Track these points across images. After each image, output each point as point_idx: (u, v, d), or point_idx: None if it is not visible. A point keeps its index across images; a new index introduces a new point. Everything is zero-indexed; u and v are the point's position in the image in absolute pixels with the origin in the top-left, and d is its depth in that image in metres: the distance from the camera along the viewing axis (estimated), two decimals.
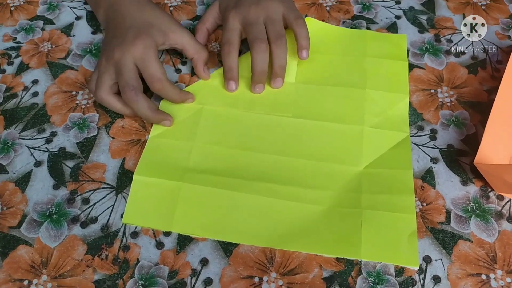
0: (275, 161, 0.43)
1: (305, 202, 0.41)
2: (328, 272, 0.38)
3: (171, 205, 0.41)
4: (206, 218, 0.40)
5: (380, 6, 0.56)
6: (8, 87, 0.49)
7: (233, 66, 0.47)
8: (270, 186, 0.42)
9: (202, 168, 0.43)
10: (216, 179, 0.42)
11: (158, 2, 0.57)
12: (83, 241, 0.39)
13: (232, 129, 0.45)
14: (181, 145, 0.44)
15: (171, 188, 0.41)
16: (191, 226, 0.40)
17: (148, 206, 0.41)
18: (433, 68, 0.51)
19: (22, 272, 0.38)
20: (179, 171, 0.42)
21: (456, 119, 0.47)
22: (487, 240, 0.40)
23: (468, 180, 0.43)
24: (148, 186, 0.41)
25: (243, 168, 0.43)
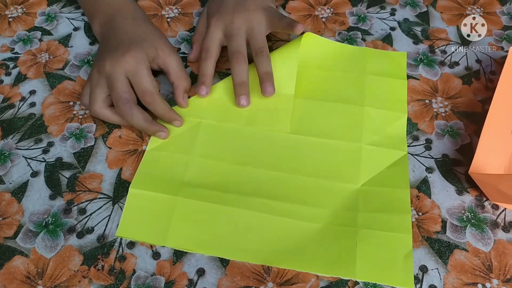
0: (272, 177, 0.43)
1: (301, 219, 0.41)
2: (325, 282, 0.38)
3: (166, 219, 0.40)
4: (201, 233, 0.40)
5: (375, 18, 0.57)
6: (5, 97, 0.49)
7: (207, 73, 0.48)
8: (266, 202, 0.42)
9: (198, 182, 0.43)
10: (212, 193, 0.42)
11: (156, 13, 0.57)
12: (79, 252, 0.39)
13: (230, 143, 0.45)
14: (178, 159, 0.44)
15: (166, 202, 0.41)
16: (185, 241, 0.40)
17: (143, 219, 0.41)
18: (428, 79, 0.51)
19: (18, 283, 0.38)
20: (175, 185, 0.42)
21: (450, 129, 0.47)
22: (483, 249, 0.40)
23: (463, 189, 0.43)
24: (143, 199, 0.41)
25: (240, 183, 0.43)
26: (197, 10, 0.58)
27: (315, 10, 0.58)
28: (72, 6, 0.58)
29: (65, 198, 0.42)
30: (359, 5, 0.59)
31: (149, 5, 0.58)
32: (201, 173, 0.43)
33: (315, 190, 0.42)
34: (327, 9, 0.58)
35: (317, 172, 0.43)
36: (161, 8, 0.58)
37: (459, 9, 0.58)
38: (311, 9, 0.58)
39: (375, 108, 0.47)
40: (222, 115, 0.47)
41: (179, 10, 0.58)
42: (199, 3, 0.59)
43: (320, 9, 0.58)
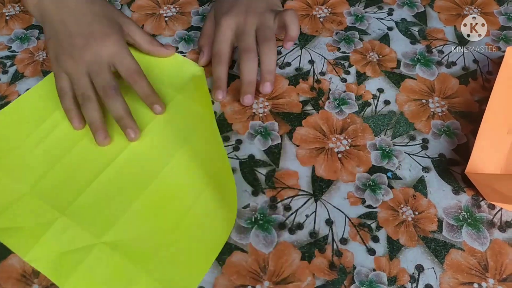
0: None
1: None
2: (321, 280, 0.38)
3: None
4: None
5: (373, 18, 0.57)
6: (2, 95, 0.49)
7: (221, 76, 0.48)
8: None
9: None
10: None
11: (154, 12, 0.57)
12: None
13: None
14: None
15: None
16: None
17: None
18: (425, 79, 0.51)
19: (13, 281, 0.38)
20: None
21: (447, 129, 0.47)
22: (479, 249, 0.40)
23: (459, 189, 0.43)
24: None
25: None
26: (195, 9, 0.58)
27: (312, 10, 0.58)
28: None
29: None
30: (356, 5, 0.59)
31: (146, 4, 0.58)
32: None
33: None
34: (324, 8, 0.58)
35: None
36: (159, 7, 0.58)
37: (456, 9, 0.58)
38: (308, 9, 0.58)
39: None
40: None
41: (177, 9, 0.58)
42: (197, 2, 0.59)
43: (317, 9, 0.58)
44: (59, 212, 0.40)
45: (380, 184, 0.43)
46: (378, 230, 0.41)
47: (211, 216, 0.40)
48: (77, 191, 0.42)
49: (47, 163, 0.43)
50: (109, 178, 0.43)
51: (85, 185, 0.42)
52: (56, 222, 0.40)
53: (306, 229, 0.41)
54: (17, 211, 0.40)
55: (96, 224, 0.40)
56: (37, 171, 0.43)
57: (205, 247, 0.39)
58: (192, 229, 0.40)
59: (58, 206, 0.41)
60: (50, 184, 0.42)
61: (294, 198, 0.42)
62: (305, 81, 0.51)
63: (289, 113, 0.48)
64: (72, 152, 0.44)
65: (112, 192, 0.42)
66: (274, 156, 0.45)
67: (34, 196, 0.41)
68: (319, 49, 0.54)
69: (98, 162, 0.44)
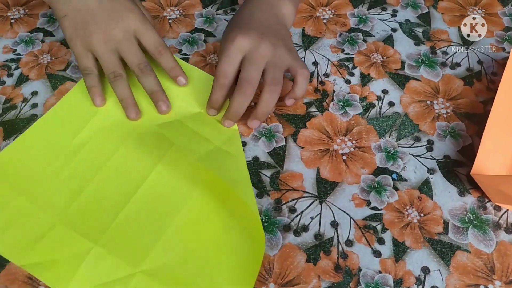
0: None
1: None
2: (327, 283, 0.38)
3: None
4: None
5: (377, 19, 0.57)
6: (7, 98, 0.49)
7: (219, 101, 0.45)
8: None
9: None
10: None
11: (157, 15, 0.57)
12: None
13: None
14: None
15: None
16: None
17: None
18: (429, 80, 0.51)
19: (19, 283, 0.38)
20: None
21: (452, 130, 0.47)
22: (485, 250, 0.40)
23: (465, 190, 0.43)
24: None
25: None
26: (198, 11, 0.58)
27: (316, 12, 0.58)
28: None
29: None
30: (360, 6, 0.59)
31: (150, 6, 0.58)
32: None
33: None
34: (328, 10, 0.58)
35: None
36: (162, 10, 0.58)
37: (460, 10, 0.58)
38: (312, 10, 0.58)
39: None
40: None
41: (181, 11, 0.58)
42: (200, 5, 0.59)
43: (321, 11, 0.58)
44: (91, 242, 0.39)
45: (385, 186, 0.43)
46: (384, 232, 0.40)
47: (242, 241, 0.39)
48: (107, 219, 0.40)
49: (73, 190, 0.42)
50: (139, 204, 0.41)
51: (115, 212, 0.41)
52: (91, 253, 0.38)
53: (311, 231, 0.41)
54: (48, 243, 0.39)
55: (132, 252, 0.39)
56: (63, 198, 0.41)
57: (242, 266, 0.38)
58: (226, 254, 0.39)
59: (90, 235, 0.39)
60: (79, 213, 0.41)
61: (299, 200, 0.42)
62: (309, 83, 0.51)
63: (293, 115, 0.48)
64: (98, 177, 0.43)
65: (144, 218, 0.41)
66: (279, 158, 0.45)
67: (63, 225, 0.40)
68: (323, 51, 0.54)
69: (126, 187, 0.42)
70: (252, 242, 0.38)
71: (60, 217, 0.40)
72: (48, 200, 0.41)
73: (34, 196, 0.41)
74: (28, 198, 0.41)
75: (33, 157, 0.43)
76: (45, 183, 0.42)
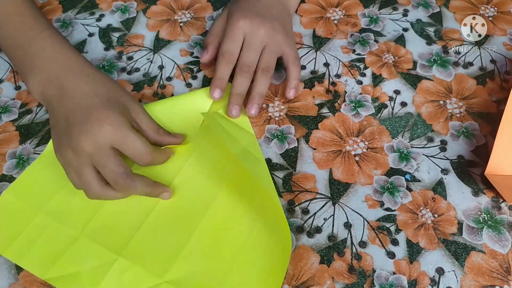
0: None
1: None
2: (341, 284, 0.38)
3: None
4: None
5: (388, 19, 0.57)
6: (23, 103, 0.50)
7: (224, 77, 0.47)
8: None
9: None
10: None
11: (169, 18, 0.58)
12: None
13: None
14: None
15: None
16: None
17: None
18: (442, 80, 0.51)
19: (38, 285, 0.38)
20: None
21: (465, 130, 0.47)
22: (500, 251, 0.39)
23: (479, 191, 0.43)
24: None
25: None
26: (209, 14, 0.58)
27: (326, 12, 0.58)
28: (87, 13, 0.59)
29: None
30: (371, 6, 0.58)
31: (161, 10, 0.59)
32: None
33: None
34: (339, 11, 0.58)
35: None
36: (173, 13, 0.59)
37: (472, 9, 0.58)
38: (322, 11, 0.58)
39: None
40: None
41: (192, 14, 0.59)
42: (211, 7, 0.59)
43: (331, 11, 0.58)
44: (115, 253, 0.39)
45: (399, 187, 0.43)
46: (398, 233, 0.40)
47: (268, 243, 0.39)
48: (130, 230, 0.41)
49: (94, 204, 0.42)
50: (161, 214, 0.42)
51: (137, 223, 0.41)
52: (115, 264, 0.39)
53: (325, 233, 0.41)
54: (72, 257, 0.39)
55: (157, 262, 0.39)
56: (85, 212, 0.42)
57: (269, 269, 0.38)
58: (252, 258, 0.39)
59: (113, 247, 0.39)
60: (101, 225, 0.41)
61: (311, 201, 0.43)
62: (320, 84, 0.51)
63: (305, 116, 0.48)
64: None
65: (167, 228, 0.41)
66: (291, 159, 0.45)
67: (86, 238, 0.40)
68: (334, 52, 0.54)
69: (146, 199, 0.42)
70: (278, 246, 0.38)
71: (82, 230, 0.41)
72: (70, 214, 0.42)
73: (55, 211, 0.42)
74: (49, 214, 0.42)
75: (51, 174, 0.43)
76: (65, 199, 0.42)
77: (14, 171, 0.45)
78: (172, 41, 0.55)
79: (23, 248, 0.40)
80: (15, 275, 0.39)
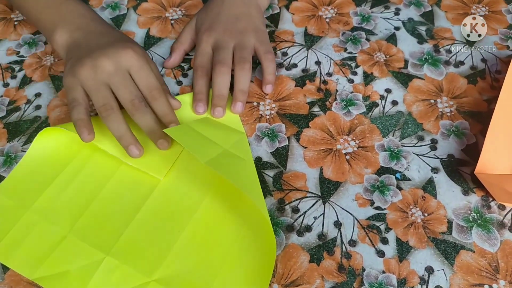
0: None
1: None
2: (330, 283, 0.38)
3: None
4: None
5: (379, 18, 0.57)
6: (11, 100, 0.49)
7: (202, 90, 0.47)
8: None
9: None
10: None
11: (160, 15, 0.57)
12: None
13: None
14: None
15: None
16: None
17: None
18: (433, 79, 0.51)
19: (24, 284, 0.38)
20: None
21: (456, 129, 0.47)
22: (489, 250, 0.39)
23: (469, 189, 0.43)
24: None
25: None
26: None
27: (318, 11, 0.58)
28: None
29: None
30: (363, 5, 0.58)
31: (152, 7, 0.59)
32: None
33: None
34: (330, 9, 0.58)
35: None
36: (164, 10, 0.58)
37: (463, 8, 0.58)
38: (314, 10, 0.58)
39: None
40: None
41: (183, 12, 0.58)
42: (203, 5, 0.59)
43: (323, 10, 0.58)
44: (103, 252, 0.39)
45: (389, 186, 0.43)
46: (387, 232, 0.40)
47: (255, 243, 0.39)
48: (118, 229, 0.40)
49: (82, 202, 0.42)
50: (150, 212, 0.41)
51: (125, 222, 0.41)
52: (103, 263, 0.38)
53: (315, 231, 0.41)
54: (60, 256, 0.39)
55: (145, 262, 0.39)
56: (73, 211, 0.41)
57: (256, 270, 0.38)
58: (240, 257, 0.39)
59: (101, 246, 0.39)
60: (89, 224, 0.40)
61: (302, 200, 0.42)
62: (312, 82, 0.51)
63: (296, 115, 0.48)
64: (106, 188, 0.43)
65: (155, 227, 0.40)
66: (282, 158, 0.45)
67: (74, 237, 0.40)
68: (325, 50, 0.54)
69: (136, 195, 0.42)
70: (264, 246, 0.38)
71: (70, 229, 0.40)
72: (57, 213, 0.41)
73: (43, 210, 0.41)
74: (37, 212, 0.41)
75: (39, 173, 0.43)
76: (53, 197, 0.42)
77: (1, 169, 0.44)
78: (163, 39, 0.55)
79: (10, 247, 0.39)
80: (1, 274, 0.39)
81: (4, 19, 0.57)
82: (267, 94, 0.49)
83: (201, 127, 0.45)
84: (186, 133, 0.43)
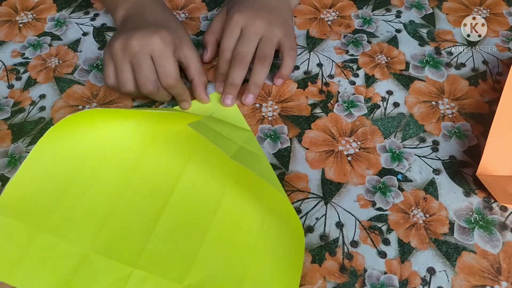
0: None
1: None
2: (332, 284, 0.38)
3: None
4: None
5: (381, 20, 0.57)
6: (16, 101, 0.50)
7: (237, 83, 0.48)
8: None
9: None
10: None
11: None
12: None
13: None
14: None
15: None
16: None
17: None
18: (434, 81, 0.51)
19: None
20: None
21: (458, 130, 0.47)
22: (491, 251, 0.39)
23: (471, 191, 0.43)
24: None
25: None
26: (204, 14, 0.58)
27: (320, 13, 0.58)
28: (81, 12, 0.59)
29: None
30: (364, 7, 0.59)
31: None
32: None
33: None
34: (332, 12, 0.58)
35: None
36: None
37: (465, 10, 0.58)
38: (316, 12, 0.58)
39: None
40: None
41: (186, 14, 0.59)
42: (206, 8, 0.59)
43: (325, 12, 0.58)
44: (130, 266, 0.37)
45: (391, 187, 0.43)
46: (389, 233, 0.41)
47: (281, 236, 0.39)
48: (141, 239, 0.39)
49: (100, 215, 0.40)
50: (170, 218, 0.40)
51: (147, 231, 0.39)
52: (131, 277, 0.37)
53: (317, 232, 0.41)
54: (84, 277, 0.37)
55: (173, 269, 0.38)
56: (91, 226, 0.39)
57: (286, 262, 0.38)
58: (268, 252, 0.38)
59: (126, 260, 0.38)
60: (110, 238, 0.39)
61: (304, 201, 0.43)
62: (313, 84, 0.51)
63: (298, 116, 0.48)
64: (124, 197, 0.41)
65: (178, 232, 0.40)
66: (284, 159, 0.45)
67: (97, 254, 0.38)
68: (327, 52, 0.54)
69: (154, 201, 0.41)
70: (292, 236, 0.38)
71: (91, 246, 0.38)
72: (75, 231, 0.39)
73: (57, 228, 0.39)
74: (51, 232, 0.39)
75: (47, 184, 0.41)
76: (66, 212, 0.40)
77: (5, 170, 0.45)
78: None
79: (29, 275, 0.37)
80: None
81: (9, 21, 0.58)
82: (270, 96, 0.50)
83: (214, 124, 0.44)
84: (207, 130, 0.42)
